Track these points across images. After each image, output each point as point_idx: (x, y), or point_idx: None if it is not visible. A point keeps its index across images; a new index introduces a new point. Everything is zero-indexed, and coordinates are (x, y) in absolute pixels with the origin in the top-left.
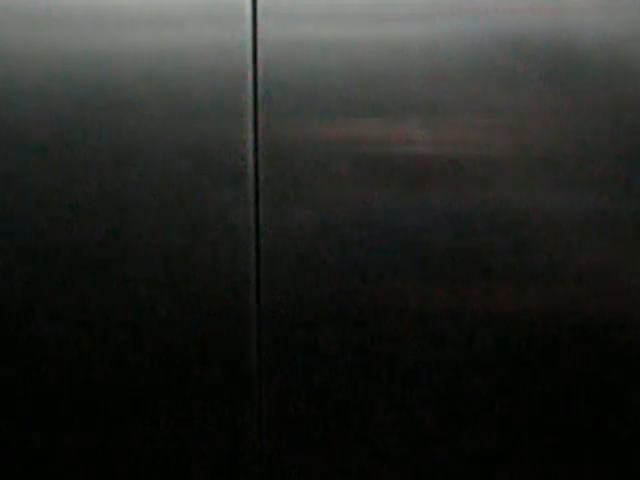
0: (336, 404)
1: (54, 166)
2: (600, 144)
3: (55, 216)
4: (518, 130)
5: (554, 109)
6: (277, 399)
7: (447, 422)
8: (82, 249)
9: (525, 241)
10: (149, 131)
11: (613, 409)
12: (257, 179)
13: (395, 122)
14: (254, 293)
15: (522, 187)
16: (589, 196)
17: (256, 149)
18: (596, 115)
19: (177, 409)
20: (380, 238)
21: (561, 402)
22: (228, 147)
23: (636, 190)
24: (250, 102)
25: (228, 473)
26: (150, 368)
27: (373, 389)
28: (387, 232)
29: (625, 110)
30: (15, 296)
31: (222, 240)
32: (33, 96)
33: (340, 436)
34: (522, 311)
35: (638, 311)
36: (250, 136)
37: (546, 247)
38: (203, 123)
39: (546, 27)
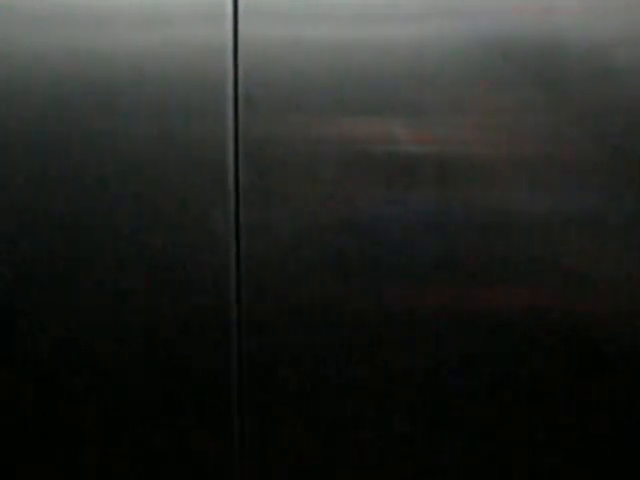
0: (320, 412)
1: (34, 164)
2: (588, 146)
3: (34, 214)
4: (506, 132)
5: (543, 111)
6: (258, 404)
7: (437, 429)
8: (58, 249)
9: (514, 242)
10: (127, 130)
11: (608, 412)
12: (238, 179)
13: (380, 123)
14: (234, 296)
15: (510, 188)
16: (576, 197)
17: (237, 148)
18: (584, 117)
19: (151, 417)
20: (365, 239)
21: (555, 405)
22: (208, 146)
23: (624, 191)
24: (231, 102)
25: None
26: (125, 373)
27: (358, 394)
28: (372, 233)
29: (614, 112)
30: None
31: (202, 241)
32: (11, 93)
33: (323, 444)
34: (510, 312)
35: (631, 313)
36: (231, 135)
37: (535, 248)
38: (183, 122)
39: (535, 29)
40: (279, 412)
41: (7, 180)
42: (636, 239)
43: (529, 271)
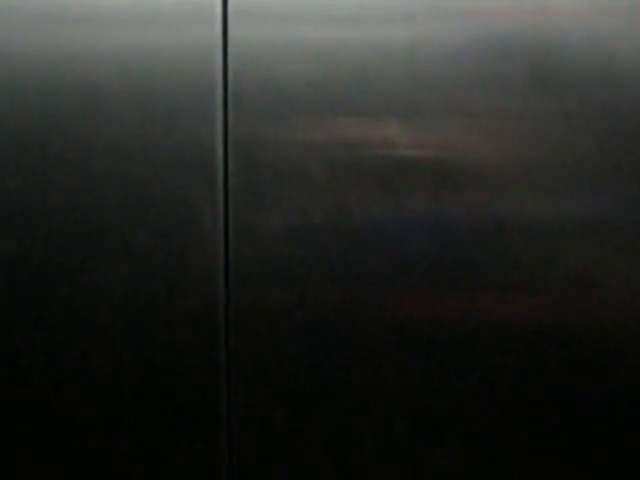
0: (310, 414)
1: (19, 164)
2: (588, 149)
3: (18, 215)
4: (504, 135)
5: (541, 113)
6: (246, 408)
7: (427, 435)
8: (45, 250)
9: (510, 249)
10: (115, 131)
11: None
12: (227, 181)
13: (372, 124)
14: (223, 300)
15: (507, 193)
16: (577, 203)
17: (226, 150)
18: (584, 119)
19: (138, 419)
20: (357, 244)
21: (549, 415)
22: (198, 147)
23: (625, 196)
24: (220, 103)
25: None
26: (110, 376)
27: (348, 398)
28: (364, 238)
29: (613, 114)
30: None
31: (190, 244)
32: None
33: (314, 447)
34: (506, 321)
35: (630, 320)
36: (220, 137)
37: (532, 255)
38: (172, 123)
39: (533, 29)
40: (268, 416)
41: None
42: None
43: (530, 277)
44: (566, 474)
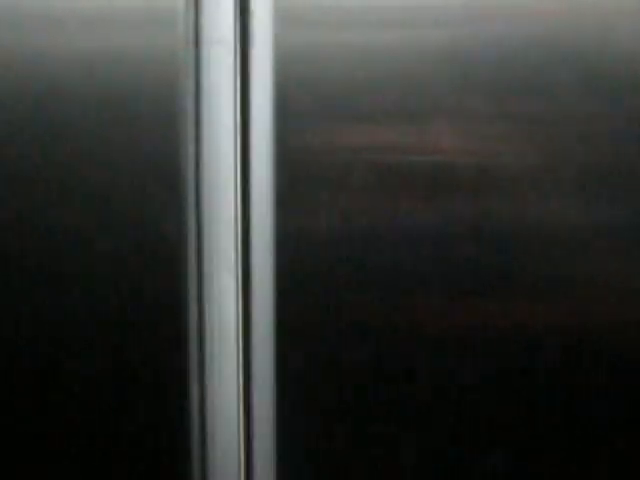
0: (345, 426)
1: None
2: (634, 157)
3: None
4: (546, 140)
5: (585, 118)
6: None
7: (465, 445)
8: (11, 257)
9: (555, 256)
10: (116, 138)
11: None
12: (275, 184)
13: (411, 130)
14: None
15: (550, 199)
16: (618, 210)
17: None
18: (632, 125)
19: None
20: (397, 250)
21: (577, 422)
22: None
23: None
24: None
25: None
26: (85, 393)
27: (385, 409)
28: (406, 242)
29: None
30: None
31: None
32: None
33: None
34: (550, 327)
35: None
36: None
37: (574, 262)
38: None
39: (577, 32)
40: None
41: None
42: None
43: (567, 285)
44: None
